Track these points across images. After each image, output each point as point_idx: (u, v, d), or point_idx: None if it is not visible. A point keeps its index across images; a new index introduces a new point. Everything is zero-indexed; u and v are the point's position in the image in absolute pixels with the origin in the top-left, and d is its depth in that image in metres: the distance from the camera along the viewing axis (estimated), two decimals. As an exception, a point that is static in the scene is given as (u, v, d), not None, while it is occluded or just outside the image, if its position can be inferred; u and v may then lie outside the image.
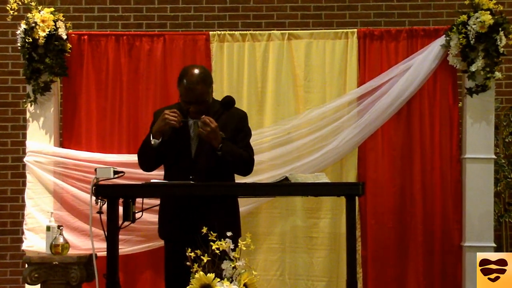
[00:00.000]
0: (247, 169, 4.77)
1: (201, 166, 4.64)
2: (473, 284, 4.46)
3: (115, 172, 4.50)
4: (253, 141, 4.94)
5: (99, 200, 4.38)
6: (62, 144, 5.94)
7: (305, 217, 5.84)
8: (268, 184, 4.91)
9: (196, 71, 4.62)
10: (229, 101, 4.65)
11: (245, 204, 5.21)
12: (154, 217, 5.32)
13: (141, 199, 4.62)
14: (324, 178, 4.54)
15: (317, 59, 5.92)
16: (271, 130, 5.86)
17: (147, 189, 4.49)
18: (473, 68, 5.65)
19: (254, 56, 5.94)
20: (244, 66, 5.94)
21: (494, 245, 5.71)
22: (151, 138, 4.60)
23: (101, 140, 5.92)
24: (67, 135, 5.93)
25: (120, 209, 4.44)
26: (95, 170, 4.49)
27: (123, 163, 5.57)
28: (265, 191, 4.75)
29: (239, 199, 4.85)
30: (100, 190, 4.38)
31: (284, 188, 4.50)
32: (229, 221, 4.66)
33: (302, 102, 5.93)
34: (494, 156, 5.81)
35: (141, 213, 4.58)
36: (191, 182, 4.47)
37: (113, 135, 5.93)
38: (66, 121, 5.94)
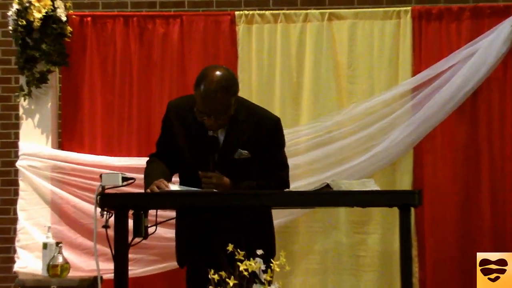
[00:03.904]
0: None
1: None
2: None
3: (124, 179, 4.43)
4: (287, 142, 4.92)
5: (105, 212, 4.34)
6: (61, 146, 6.02)
7: (350, 232, 5.89)
8: (305, 193, 4.87)
9: (218, 74, 4.41)
10: None
11: (278, 217, 5.26)
12: (170, 232, 5.38)
13: (154, 211, 4.59)
14: (372, 185, 4.49)
15: (363, 43, 5.98)
16: (308, 129, 5.92)
17: (162, 199, 4.47)
18: (553, 51, 5.72)
19: (288, 41, 5.98)
20: (276, 52, 6.00)
21: None
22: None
23: (107, 141, 5.99)
24: (67, 135, 6.01)
25: (130, 222, 4.40)
26: (101, 176, 4.42)
27: (133, 168, 5.60)
28: (302, 201, 4.66)
29: (272, 211, 4.82)
30: (107, 200, 4.34)
31: (325, 197, 4.46)
32: (262, 238, 4.61)
33: (345, 95, 5.99)
34: None
35: (154, 227, 4.55)
36: (215, 190, 4.45)
37: (122, 135, 6.01)
38: (66, 118, 6.02)
